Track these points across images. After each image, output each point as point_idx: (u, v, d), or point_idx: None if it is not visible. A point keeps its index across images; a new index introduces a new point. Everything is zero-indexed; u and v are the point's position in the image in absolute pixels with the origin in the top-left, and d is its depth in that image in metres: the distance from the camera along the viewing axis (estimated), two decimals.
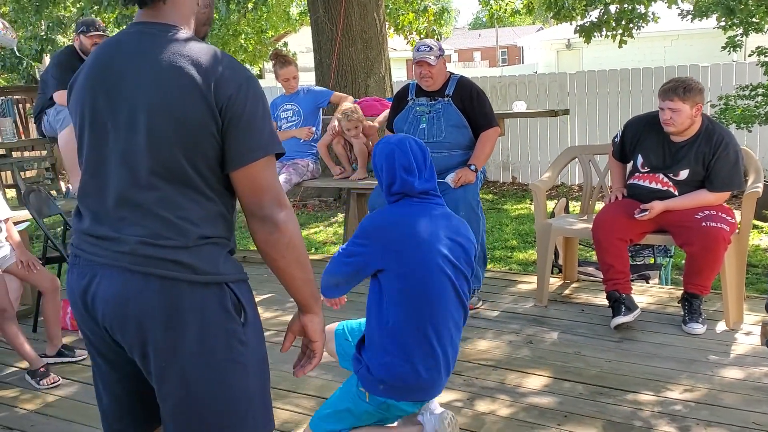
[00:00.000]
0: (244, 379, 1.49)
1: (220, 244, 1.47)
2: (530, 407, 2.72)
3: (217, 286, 1.44)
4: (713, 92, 7.30)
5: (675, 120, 3.31)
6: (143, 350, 1.44)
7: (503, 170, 9.37)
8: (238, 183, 1.43)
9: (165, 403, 1.48)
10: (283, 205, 1.46)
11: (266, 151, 1.43)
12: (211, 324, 1.43)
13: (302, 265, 1.51)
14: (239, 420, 1.49)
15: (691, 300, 3.42)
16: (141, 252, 1.40)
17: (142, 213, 1.40)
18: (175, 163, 1.39)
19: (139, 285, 1.40)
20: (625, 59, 13.76)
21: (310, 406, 2.81)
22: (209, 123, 1.38)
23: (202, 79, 1.37)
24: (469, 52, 44.11)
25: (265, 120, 1.44)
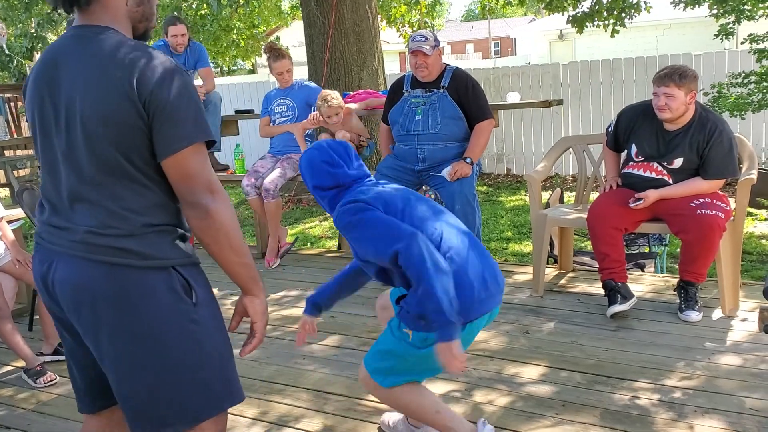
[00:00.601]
0: (198, 355, 1.57)
1: (167, 231, 1.56)
2: (528, 397, 2.72)
3: (164, 270, 1.54)
4: (706, 80, 7.30)
5: (670, 106, 3.32)
6: (97, 334, 1.54)
7: (498, 162, 9.37)
8: (168, 172, 1.51)
9: (120, 386, 1.57)
10: (214, 191, 1.52)
11: (191, 140, 1.49)
12: (161, 305, 1.52)
13: (236, 249, 1.56)
14: (197, 393, 1.58)
15: (687, 288, 3.43)
16: (90, 241, 1.50)
17: (90, 205, 1.51)
18: (111, 158, 1.48)
19: (90, 271, 1.50)
20: (617, 49, 13.76)
21: (309, 400, 2.81)
22: (136, 119, 1.46)
23: (124, 77, 1.45)
24: (462, 44, 44.03)
25: (189, 110, 1.49)
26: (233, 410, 2.74)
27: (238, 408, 2.77)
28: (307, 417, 2.68)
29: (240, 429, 2.62)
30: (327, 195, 2.23)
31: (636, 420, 2.50)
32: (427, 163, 3.93)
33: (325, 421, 2.64)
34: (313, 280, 4.43)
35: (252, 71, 25.76)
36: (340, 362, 3.16)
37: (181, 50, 5.46)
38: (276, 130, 4.86)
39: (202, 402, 1.60)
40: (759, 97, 5.51)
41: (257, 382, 3.01)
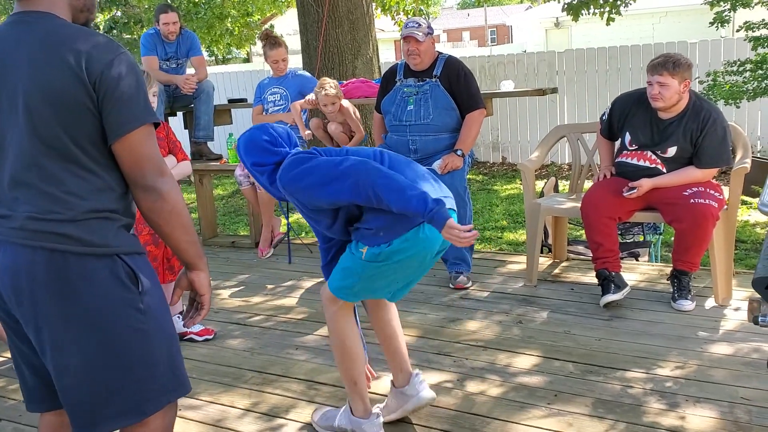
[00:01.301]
0: (145, 345, 1.56)
1: (112, 218, 1.54)
2: (520, 387, 2.72)
3: (108, 258, 1.52)
4: (701, 68, 7.28)
5: (663, 95, 3.30)
6: (36, 323, 1.50)
7: (493, 150, 9.35)
8: (119, 154, 1.50)
9: (62, 377, 1.53)
10: (165, 173, 1.53)
11: (142, 121, 1.49)
12: (103, 293, 1.50)
13: (186, 228, 1.59)
14: (142, 385, 1.56)
15: (680, 277, 3.42)
16: (29, 227, 1.47)
17: (32, 191, 1.48)
18: (56, 140, 1.46)
19: (29, 258, 1.47)
20: (614, 37, 13.71)
21: (301, 390, 2.80)
22: (85, 99, 1.45)
23: (73, 58, 1.44)
24: (458, 31, 43.89)
25: (139, 91, 1.50)
26: (225, 401, 2.74)
27: (229, 398, 2.76)
28: (299, 407, 2.67)
29: (231, 420, 2.62)
30: (266, 170, 2.26)
31: (628, 409, 2.50)
32: (419, 154, 3.90)
33: None
34: (306, 269, 4.42)
35: (246, 60, 25.64)
36: (332, 352, 3.14)
37: (173, 38, 5.42)
38: (269, 119, 4.82)
39: (149, 394, 1.58)
40: (754, 85, 5.50)
41: (249, 373, 3.00)
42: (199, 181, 5.28)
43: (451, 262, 3.93)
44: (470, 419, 2.51)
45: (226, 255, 4.92)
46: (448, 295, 3.78)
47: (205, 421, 2.62)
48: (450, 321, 3.42)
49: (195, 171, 5.16)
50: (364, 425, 2.37)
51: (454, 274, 3.89)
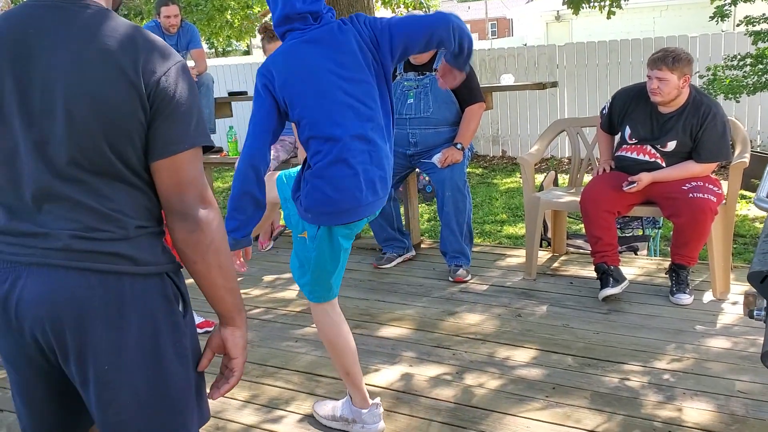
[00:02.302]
0: (187, 372, 1.41)
1: (157, 233, 1.38)
2: (519, 380, 2.74)
3: (158, 277, 1.36)
4: (702, 62, 7.27)
5: (662, 89, 3.31)
6: (81, 354, 1.31)
7: (493, 144, 9.34)
8: (160, 174, 1.31)
9: (107, 411, 1.35)
10: (208, 202, 1.35)
11: (193, 143, 1.32)
12: (156, 318, 1.35)
13: (224, 270, 1.38)
14: (182, 416, 1.41)
15: (679, 271, 3.44)
16: (76, 247, 1.28)
17: (70, 206, 1.28)
18: (99, 153, 1.26)
19: (77, 282, 1.28)
20: (614, 30, 13.71)
21: (300, 383, 2.82)
22: (137, 109, 1.26)
23: (129, 61, 1.25)
24: None
25: (193, 109, 1.33)
26: None
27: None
28: (299, 399, 2.69)
29: (231, 411, 2.63)
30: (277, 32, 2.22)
31: (626, 402, 2.52)
32: (419, 147, 3.91)
33: None
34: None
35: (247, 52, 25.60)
36: None
37: (173, 31, 5.42)
38: None
39: (187, 425, 1.43)
40: (754, 79, 5.49)
41: (249, 365, 3.01)
42: None
43: (450, 255, 3.94)
44: (469, 412, 2.53)
45: None
46: (448, 288, 3.79)
47: None
48: (449, 314, 3.43)
49: None
50: (364, 414, 2.40)
51: (453, 268, 3.91)
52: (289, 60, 2.15)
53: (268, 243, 4.80)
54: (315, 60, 2.13)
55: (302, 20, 2.14)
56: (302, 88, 2.12)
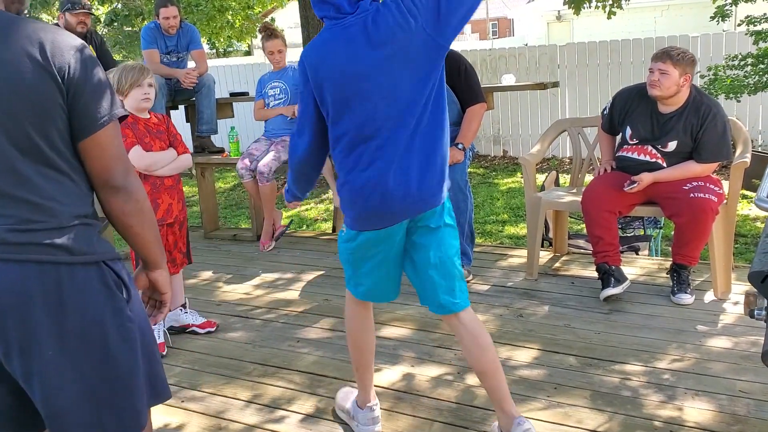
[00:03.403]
0: (133, 354, 1.47)
1: (91, 223, 1.44)
2: (520, 380, 2.74)
3: (95, 266, 1.42)
4: (703, 62, 7.27)
5: (662, 82, 3.31)
6: (25, 344, 1.35)
7: (494, 144, 9.35)
8: (88, 153, 1.40)
9: (55, 400, 1.39)
10: (132, 172, 1.46)
11: (112, 116, 1.41)
12: (96, 304, 1.40)
13: (153, 225, 1.53)
14: (132, 397, 1.48)
15: (680, 271, 3.44)
16: (12, 240, 1.33)
17: (6, 200, 1.34)
18: (28, 141, 1.33)
19: (16, 274, 1.33)
20: (615, 30, 13.70)
21: (302, 382, 2.82)
22: (54, 93, 1.34)
23: (38, 52, 1.33)
24: None
25: (106, 85, 1.42)
26: (227, 392, 2.76)
27: (231, 390, 2.78)
28: (300, 399, 2.69)
29: (233, 411, 2.64)
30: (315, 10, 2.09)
31: (627, 402, 2.52)
32: None
33: (317, 404, 2.65)
34: (308, 262, 4.44)
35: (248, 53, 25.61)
36: (333, 345, 3.17)
37: (173, 32, 5.42)
38: (270, 113, 4.84)
39: (141, 407, 1.50)
40: (755, 79, 5.49)
41: (250, 365, 3.02)
42: (201, 174, 5.29)
43: None
44: (471, 412, 2.53)
45: (228, 248, 4.94)
46: None
47: (207, 412, 2.64)
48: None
49: (197, 164, 5.17)
50: (358, 414, 2.43)
51: None
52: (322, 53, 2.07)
53: (269, 243, 4.82)
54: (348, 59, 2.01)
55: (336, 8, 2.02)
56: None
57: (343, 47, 2.01)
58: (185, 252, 3.38)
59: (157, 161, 3.16)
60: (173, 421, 2.58)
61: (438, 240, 2.16)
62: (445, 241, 2.17)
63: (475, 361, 2.23)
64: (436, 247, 2.16)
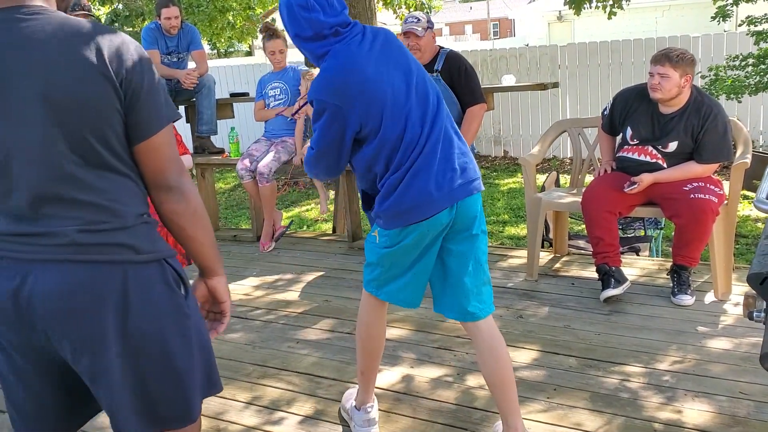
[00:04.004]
0: (190, 350, 1.50)
1: (150, 221, 1.47)
2: (520, 381, 2.73)
3: (157, 263, 1.44)
4: (704, 63, 7.27)
5: (663, 85, 3.31)
6: (93, 345, 1.38)
7: (494, 144, 9.34)
8: (144, 156, 1.41)
9: (118, 394, 1.44)
10: (185, 173, 1.47)
11: (168, 119, 1.43)
12: (158, 302, 1.43)
13: (207, 229, 1.52)
14: (188, 390, 1.52)
15: (680, 272, 3.44)
16: (83, 241, 1.35)
17: (68, 205, 1.35)
18: (86, 146, 1.34)
19: (88, 274, 1.36)
20: (616, 30, 13.70)
21: (301, 384, 2.82)
22: (113, 99, 1.34)
23: (95, 56, 1.32)
24: (461, 25, 43.81)
25: (161, 88, 1.43)
26: (226, 394, 2.76)
27: (230, 392, 2.78)
28: (300, 401, 2.69)
29: (233, 412, 2.64)
30: (308, 47, 2.09)
31: (627, 404, 2.52)
32: None
33: (317, 405, 2.65)
34: (308, 263, 4.44)
35: (249, 53, 25.62)
36: (333, 346, 3.17)
37: (174, 32, 5.42)
38: (270, 113, 4.84)
39: (195, 400, 1.55)
40: (756, 79, 5.49)
41: (250, 366, 3.02)
42: (201, 174, 5.29)
43: None
44: (470, 413, 2.53)
45: (228, 248, 4.93)
46: None
47: (206, 413, 2.63)
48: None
49: (197, 165, 5.17)
50: (355, 415, 2.44)
51: None
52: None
53: (269, 244, 4.81)
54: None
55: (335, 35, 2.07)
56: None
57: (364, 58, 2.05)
58: (185, 253, 3.37)
59: None
60: None
61: (476, 247, 2.18)
62: (481, 248, 2.21)
63: (489, 373, 2.22)
64: (473, 255, 2.18)
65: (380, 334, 2.37)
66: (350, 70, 2.03)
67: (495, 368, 2.20)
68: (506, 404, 2.21)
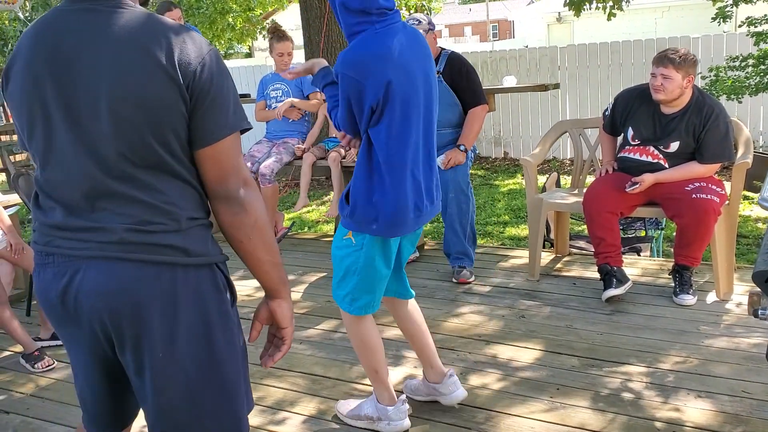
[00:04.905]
0: (236, 359, 1.46)
1: (206, 225, 1.43)
2: (522, 381, 2.74)
3: (208, 268, 1.41)
4: (704, 63, 7.28)
5: (665, 87, 3.32)
6: (137, 342, 1.36)
7: (495, 145, 9.35)
8: (205, 162, 1.36)
9: (161, 395, 1.40)
10: (249, 183, 1.40)
11: (233, 128, 1.37)
12: (208, 307, 1.40)
13: (269, 246, 1.44)
14: (235, 402, 1.46)
15: (682, 271, 3.44)
16: (132, 239, 1.32)
17: (123, 201, 1.33)
18: (147, 148, 1.31)
19: (134, 273, 1.33)
20: (616, 32, 13.72)
21: (305, 385, 2.83)
22: (178, 102, 1.30)
23: (164, 56, 1.29)
24: (460, 26, 43.81)
25: (230, 94, 1.38)
26: None
27: None
28: (303, 401, 2.70)
29: None
30: (347, 20, 2.18)
31: (629, 403, 2.53)
32: None
33: (320, 405, 2.66)
34: (310, 264, 4.44)
35: (249, 55, 25.64)
36: (336, 346, 3.18)
37: None
38: (271, 114, 4.85)
39: (239, 412, 1.48)
40: (756, 80, 5.50)
41: (253, 367, 2.99)
42: None
43: (453, 256, 3.95)
44: (473, 412, 2.54)
45: (229, 250, 4.92)
46: (451, 290, 3.80)
47: None
48: (453, 315, 3.44)
49: None
50: (390, 411, 2.42)
51: (457, 269, 3.92)
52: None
53: None
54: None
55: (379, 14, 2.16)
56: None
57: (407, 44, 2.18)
58: None
59: None
60: None
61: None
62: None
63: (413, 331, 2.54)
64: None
65: (373, 331, 2.43)
66: (379, 55, 2.13)
67: (416, 325, 2.54)
68: (428, 350, 2.53)
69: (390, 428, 2.42)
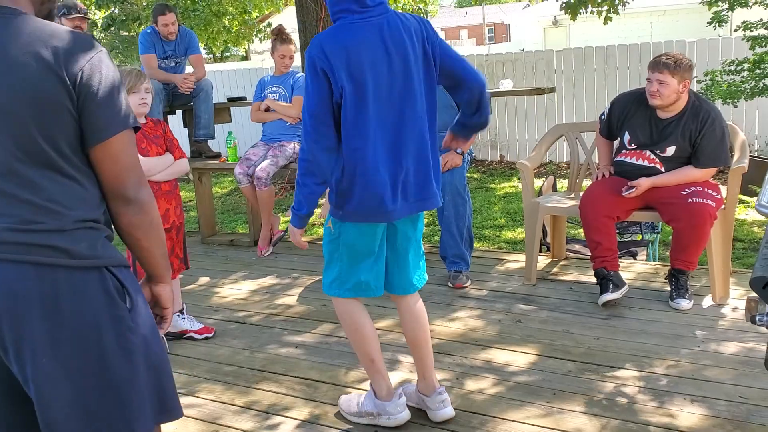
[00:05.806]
0: (132, 365, 1.42)
1: (97, 228, 1.41)
2: (518, 385, 2.73)
3: (96, 271, 1.38)
4: (700, 68, 7.29)
5: (661, 92, 3.32)
6: (18, 347, 1.33)
7: (491, 149, 9.35)
8: (100, 161, 1.39)
9: (46, 409, 1.35)
10: (145, 184, 1.44)
11: (123, 125, 1.39)
12: (93, 311, 1.37)
13: (162, 240, 1.51)
14: (127, 409, 1.42)
15: (678, 276, 3.44)
16: (11, 239, 1.31)
17: (6, 200, 1.33)
18: (33, 144, 1.32)
19: (12, 274, 1.31)
20: (612, 35, 13.72)
21: (299, 388, 2.81)
22: (64, 98, 1.33)
23: (51, 55, 1.33)
24: (456, 30, 43.87)
25: (120, 93, 1.40)
26: (223, 398, 2.75)
27: (227, 396, 2.77)
28: (297, 406, 2.68)
29: (228, 417, 2.62)
30: (331, 7, 2.20)
31: (625, 408, 2.51)
32: None
33: (314, 410, 2.64)
34: (305, 267, 4.43)
35: (245, 57, 25.61)
36: (330, 351, 3.16)
37: (172, 38, 5.42)
38: (266, 116, 4.84)
39: (138, 420, 1.43)
40: (752, 84, 5.51)
41: (248, 371, 3.00)
42: (198, 179, 5.28)
43: (450, 260, 3.94)
44: (468, 417, 2.52)
45: (225, 253, 4.92)
46: (447, 294, 3.79)
47: (204, 418, 2.62)
48: (449, 319, 3.43)
49: (194, 169, 5.16)
50: (388, 406, 2.43)
51: (453, 273, 3.90)
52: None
53: (267, 248, 4.80)
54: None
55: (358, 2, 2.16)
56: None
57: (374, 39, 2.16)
58: (182, 257, 3.37)
59: (153, 166, 3.16)
60: (169, 427, 2.56)
61: (419, 228, 2.46)
62: (420, 227, 2.46)
63: (413, 335, 2.49)
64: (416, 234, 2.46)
65: (367, 317, 2.44)
66: (342, 46, 2.12)
67: (419, 331, 2.48)
68: (424, 361, 2.49)
69: (390, 422, 2.44)
